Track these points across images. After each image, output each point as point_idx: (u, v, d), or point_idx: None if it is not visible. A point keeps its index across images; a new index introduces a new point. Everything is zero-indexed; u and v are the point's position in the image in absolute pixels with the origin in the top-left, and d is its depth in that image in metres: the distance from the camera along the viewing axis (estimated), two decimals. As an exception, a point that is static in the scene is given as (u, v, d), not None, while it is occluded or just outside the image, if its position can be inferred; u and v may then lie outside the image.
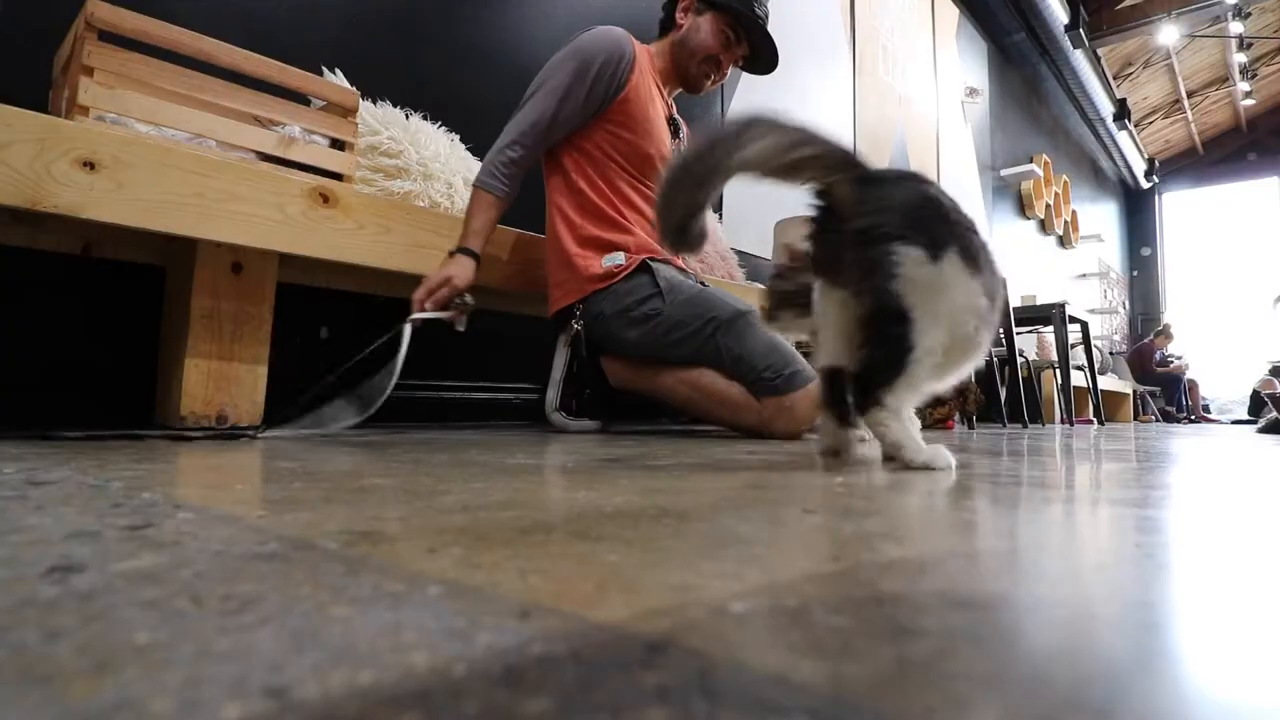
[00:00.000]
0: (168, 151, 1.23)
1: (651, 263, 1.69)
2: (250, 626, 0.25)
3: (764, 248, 3.14)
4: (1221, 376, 10.84)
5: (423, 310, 1.56)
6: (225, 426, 1.33)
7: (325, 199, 1.43)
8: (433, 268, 1.63)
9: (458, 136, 1.90)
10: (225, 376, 1.36)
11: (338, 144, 1.54)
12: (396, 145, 1.70)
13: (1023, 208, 7.15)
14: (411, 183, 1.70)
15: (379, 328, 2.02)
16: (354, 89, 1.60)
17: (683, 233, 0.91)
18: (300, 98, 1.53)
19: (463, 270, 1.59)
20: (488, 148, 1.69)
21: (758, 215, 3.42)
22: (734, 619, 0.28)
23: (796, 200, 1.00)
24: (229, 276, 1.37)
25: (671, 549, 0.40)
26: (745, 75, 3.51)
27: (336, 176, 1.51)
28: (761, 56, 1.88)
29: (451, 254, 1.61)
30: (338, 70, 1.73)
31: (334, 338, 1.91)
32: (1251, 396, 8.38)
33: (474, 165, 1.88)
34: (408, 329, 1.52)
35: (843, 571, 0.36)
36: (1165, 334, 8.61)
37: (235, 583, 0.31)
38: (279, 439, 1.19)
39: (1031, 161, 7.06)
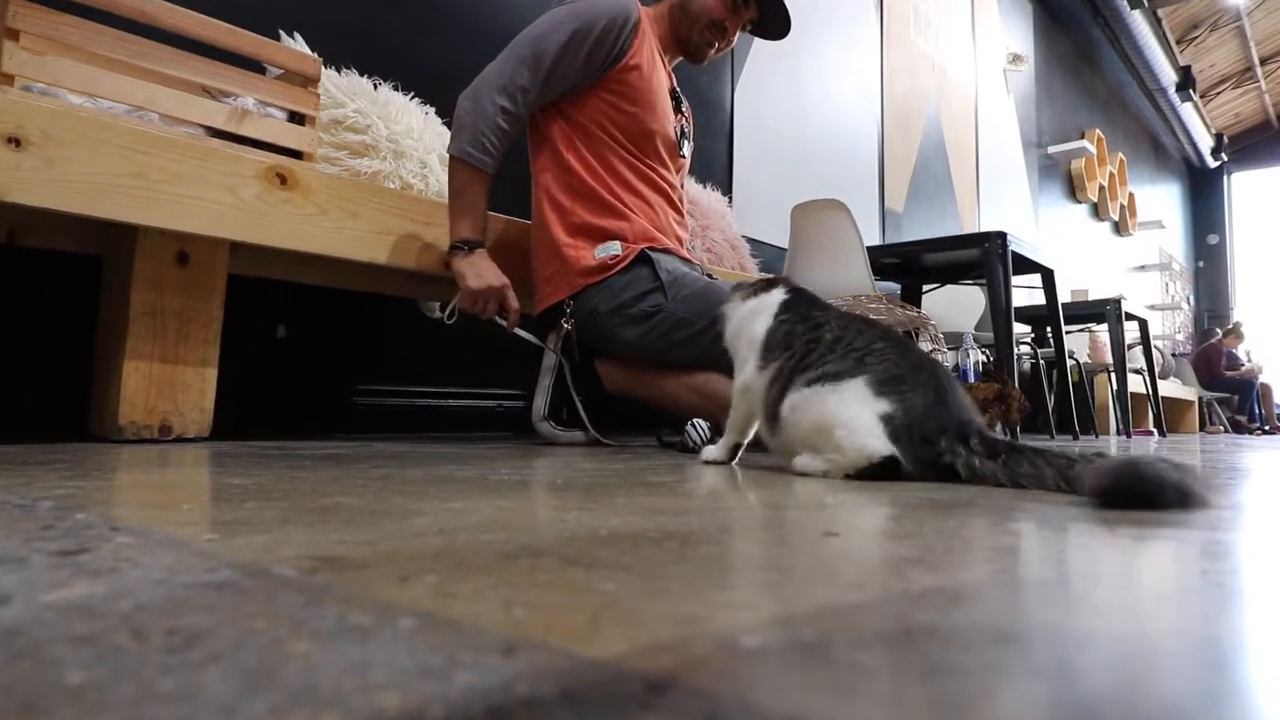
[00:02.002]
0: (104, 126, 1.23)
1: (652, 253, 1.69)
2: (198, 665, 0.26)
3: (779, 235, 3.14)
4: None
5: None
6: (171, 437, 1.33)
7: (283, 180, 1.43)
8: (406, 258, 1.63)
9: (433, 109, 1.90)
10: (169, 381, 1.36)
11: (297, 118, 1.54)
12: (363, 119, 1.70)
13: (1073, 190, 7.16)
14: (380, 161, 1.70)
15: (343, 325, 2.02)
16: (315, 56, 1.60)
17: None
18: (255, 65, 1.53)
19: (496, 271, 1.65)
20: (468, 122, 1.69)
21: (771, 199, 3.43)
22: (745, 655, 0.28)
23: (813, 184, 1.01)
24: (173, 268, 1.37)
25: (675, 576, 0.40)
26: (756, 42, 3.51)
27: (295, 155, 1.51)
28: (771, 20, 1.88)
29: (463, 250, 1.63)
30: (297, 35, 1.73)
31: (292, 337, 1.91)
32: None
33: (451, 142, 1.88)
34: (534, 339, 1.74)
35: (869, 601, 0.36)
36: (1235, 333, 8.62)
37: (181, 615, 0.31)
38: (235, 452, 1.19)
39: (1083, 137, 7.07)
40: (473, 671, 0.25)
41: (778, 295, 1.22)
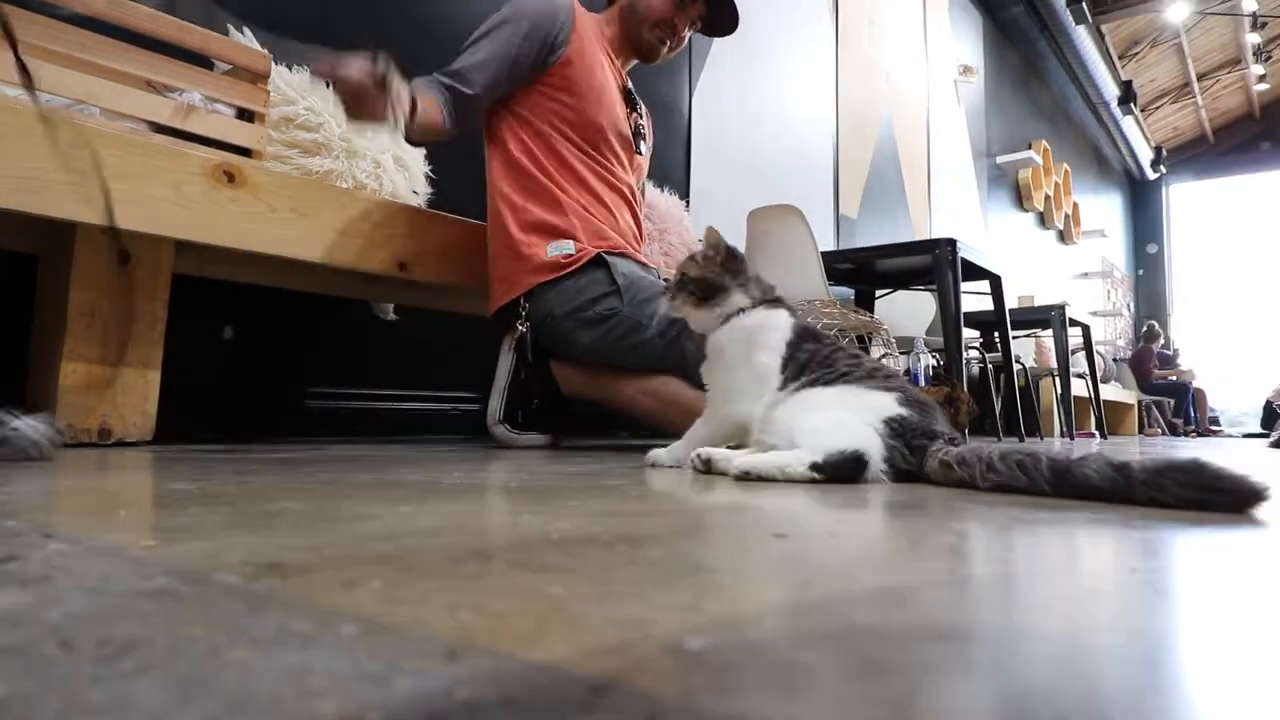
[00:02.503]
0: (42, 120, 1.19)
1: (607, 256, 1.69)
2: (129, 675, 0.25)
3: (736, 239, 3.16)
4: (1232, 386, 11.28)
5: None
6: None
7: (230, 178, 1.40)
8: (358, 259, 1.60)
9: (387, 108, 1.88)
10: (109, 383, 1.32)
11: (245, 114, 1.51)
12: (315, 117, 1.68)
13: (1020, 199, 7.35)
14: (333, 160, 1.67)
15: (293, 326, 1.99)
16: (265, 51, 1.58)
17: None
18: (202, 60, 1.50)
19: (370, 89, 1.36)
20: (422, 122, 1.68)
21: (728, 204, 3.45)
22: (689, 656, 0.28)
23: (769, 189, 1.02)
24: (114, 267, 1.33)
25: (623, 579, 0.41)
26: (715, 47, 3.56)
27: (244, 152, 1.48)
28: (719, 15, 1.91)
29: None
30: (246, 29, 1.70)
31: (240, 338, 1.87)
32: (1265, 408, 8.74)
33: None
34: None
35: (814, 602, 0.37)
36: (1152, 334, 8.91)
37: (114, 624, 0.30)
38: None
39: (1030, 148, 7.26)
40: (414, 677, 0.25)
41: (784, 319, 1.17)
